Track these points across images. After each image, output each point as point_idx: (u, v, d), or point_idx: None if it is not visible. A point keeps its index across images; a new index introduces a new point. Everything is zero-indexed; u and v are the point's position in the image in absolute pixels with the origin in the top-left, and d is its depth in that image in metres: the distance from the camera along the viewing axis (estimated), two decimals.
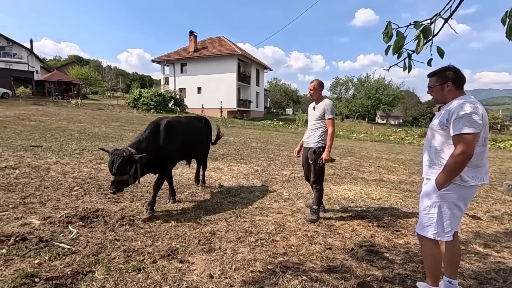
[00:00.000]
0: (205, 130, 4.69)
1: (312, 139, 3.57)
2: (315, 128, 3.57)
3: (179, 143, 3.80)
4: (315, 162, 3.49)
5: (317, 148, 3.52)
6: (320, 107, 3.54)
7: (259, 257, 2.58)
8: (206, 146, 4.81)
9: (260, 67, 36.49)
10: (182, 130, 3.93)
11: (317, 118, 3.55)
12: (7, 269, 2.17)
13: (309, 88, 3.64)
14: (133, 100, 25.56)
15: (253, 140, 12.80)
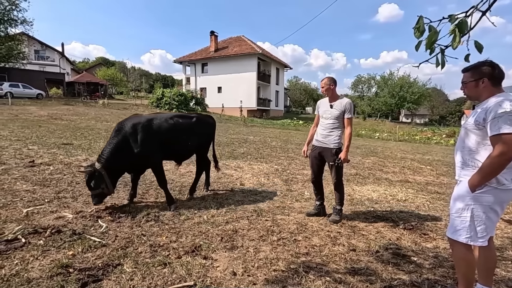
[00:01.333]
0: (195, 128, 4.06)
1: (330, 139, 3.39)
2: (333, 127, 3.39)
3: (151, 142, 3.53)
4: (335, 163, 3.34)
5: (338, 149, 3.37)
6: (338, 105, 3.37)
7: (281, 256, 2.58)
8: (199, 145, 4.24)
9: (280, 66, 36.31)
10: (156, 128, 3.63)
11: (335, 117, 3.37)
12: (45, 259, 2.32)
13: (321, 86, 3.49)
14: (156, 100, 26.30)
15: (273, 139, 12.77)
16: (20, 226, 2.83)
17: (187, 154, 4.22)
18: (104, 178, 3.33)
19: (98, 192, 3.35)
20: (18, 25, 26.75)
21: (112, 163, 3.38)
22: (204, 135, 4.27)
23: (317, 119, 3.61)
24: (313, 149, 3.58)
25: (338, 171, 3.39)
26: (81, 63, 65.43)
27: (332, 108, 3.41)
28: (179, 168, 5.52)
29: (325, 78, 3.45)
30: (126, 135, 3.46)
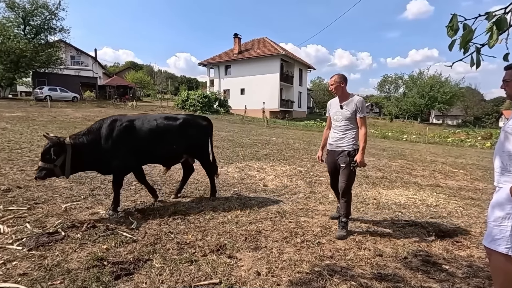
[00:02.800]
0: (182, 130, 3.75)
1: (345, 141, 3.12)
2: (347, 129, 3.13)
3: (126, 146, 3.39)
4: (349, 166, 3.07)
5: (352, 151, 3.08)
6: (349, 105, 3.10)
7: (305, 258, 2.57)
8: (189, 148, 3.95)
9: (303, 67, 36.00)
10: (132, 131, 3.45)
11: (346, 118, 3.10)
12: (82, 251, 2.48)
13: (329, 83, 3.20)
14: (181, 102, 27.09)
15: (296, 140, 12.69)
16: (60, 220, 3.05)
17: (174, 158, 3.94)
18: (66, 155, 3.11)
19: (48, 167, 3.05)
20: (56, 33, 28.76)
21: (81, 149, 3.22)
22: (194, 137, 3.92)
23: (330, 121, 3.36)
24: (329, 153, 3.33)
25: (349, 175, 3.07)
26: (112, 67, 68.81)
27: (342, 108, 3.14)
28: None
29: (334, 75, 3.19)
30: (102, 131, 3.36)
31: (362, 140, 3.07)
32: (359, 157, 3.02)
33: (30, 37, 26.80)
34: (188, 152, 3.99)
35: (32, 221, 3.03)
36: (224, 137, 11.86)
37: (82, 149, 3.23)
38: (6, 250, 2.42)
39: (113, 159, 3.37)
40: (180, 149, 3.82)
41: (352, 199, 3.32)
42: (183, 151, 3.90)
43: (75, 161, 3.19)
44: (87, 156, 3.27)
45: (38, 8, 26.52)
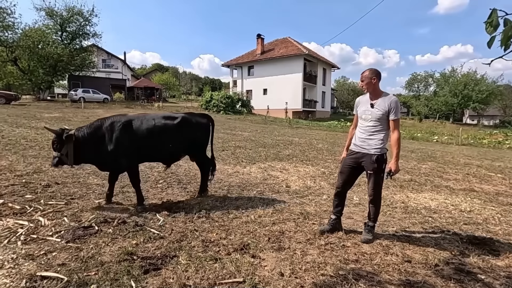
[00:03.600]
0: (179, 128, 3.75)
1: (372, 143, 2.87)
2: (375, 130, 2.87)
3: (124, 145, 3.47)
4: (378, 173, 2.84)
5: (380, 155, 2.83)
6: (381, 104, 2.83)
7: (329, 261, 2.53)
8: (188, 146, 3.95)
9: (327, 66, 35.37)
10: (130, 131, 3.52)
11: (377, 118, 2.84)
12: (114, 245, 2.61)
13: (360, 79, 2.93)
14: (205, 103, 27.63)
15: (319, 141, 12.50)
16: (94, 215, 3.23)
17: (173, 156, 3.97)
18: (68, 145, 3.33)
19: (58, 155, 3.34)
20: (90, 38, 30.41)
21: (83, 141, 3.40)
22: (191, 136, 3.89)
23: (356, 119, 3.12)
24: (350, 153, 3.07)
25: (378, 182, 2.88)
26: (140, 69, 71.63)
27: (373, 107, 2.87)
28: (223, 168, 5.71)
29: (366, 71, 2.91)
30: (104, 130, 3.49)
31: (395, 145, 2.83)
32: (393, 165, 2.79)
33: (66, 43, 28.57)
34: (186, 150, 3.99)
35: (69, 215, 3.23)
36: (246, 137, 11.95)
37: (82, 142, 3.42)
38: (47, 242, 2.60)
39: (111, 158, 3.49)
40: (178, 147, 3.84)
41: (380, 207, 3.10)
42: (181, 149, 3.92)
43: (77, 151, 3.40)
44: (85, 149, 3.45)
45: (74, 15, 28.22)
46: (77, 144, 3.39)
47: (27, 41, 25.03)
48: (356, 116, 3.14)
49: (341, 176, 3.11)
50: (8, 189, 3.95)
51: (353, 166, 3.02)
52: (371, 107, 2.90)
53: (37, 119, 12.26)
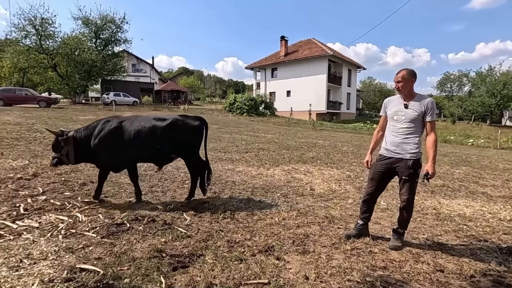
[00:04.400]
0: (168, 131, 3.75)
1: (407, 148, 2.73)
2: (409, 133, 2.74)
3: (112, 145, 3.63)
4: (413, 178, 2.73)
5: (417, 160, 2.72)
6: (416, 105, 2.71)
7: (355, 267, 2.48)
8: (178, 149, 3.90)
9: (352, 67, 34.55)
10: (120, 131, 3.67)
11: (411, 119, 2.71)
12: (144, 242, 2.74)
13: (395, 80, 2.79)
14: (229, 105, 28.02)
15: (344, 143, 12.22)
16: (125, 213, 3.40)
17: (163, 158, 3.99)
18: (68, 146, 3.59)
19: (58, 155, 3.62)
20: (121, 44, 32.04)
21: (81, 142, 3.66)
22: (180, 138, 3.84)
23: (384, 121, 2.99)
24: (380, 159, 2.92)
25: (413, 188, 2.77)
26: (166, 73, 74.16)
27: (407, 108, 2.74)
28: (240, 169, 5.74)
29: (403, 71, 2.76)
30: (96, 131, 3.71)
31: (432, 147, 2.70)
32: (431, 168, 2.65)
33: (100, 49, 30.29)
34: (176, 152, 3.95)
35: (103, 212, 3.43)
36: (269, 139, 11.97)
37: (80, 143, 3.67)
38: (84, 236, 2.79)
39: (102, 156, 3.69)
40: (166, 149, 3.82)
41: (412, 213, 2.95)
42: (170, 151, 3.88)
43: (77, 151, 3.66)
44: (83, 149, 3.69)
45: (107, 23, 29.88)
46: (76, 144, 3.65)
47: (65, 49, 26.85)
48: (383, 118, 3.02)
49: (372, 182, 2.98)
50: (50, 186, 4.26)
51: (385, 172, 2.89)
52: (404, 107, 2.76)
53: (73, 121, 13.09)
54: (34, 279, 2.07)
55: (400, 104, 2.82)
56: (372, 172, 3.00)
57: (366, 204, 3.05)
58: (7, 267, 2.18)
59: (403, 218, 2.87)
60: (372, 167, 3.02)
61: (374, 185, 2.96)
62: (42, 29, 26.72)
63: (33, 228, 2.89)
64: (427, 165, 2.69)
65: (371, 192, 2.99)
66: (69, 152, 3.63)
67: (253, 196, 4.47)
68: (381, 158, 2.94)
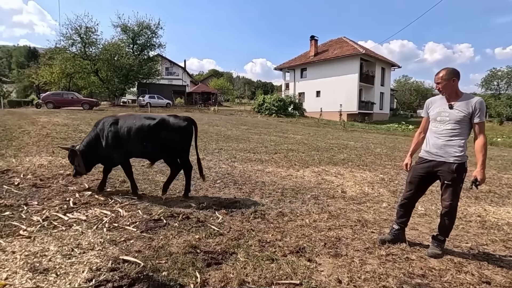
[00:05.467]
0: (154, 131, 3.91)
1: (451, 150, 2.57)
2: (454, 135, 2.57)
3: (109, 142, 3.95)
4: (457, 183, 2.58)
5: (461, 164, 2.55)
6: (463, 105, 2.54)
7: (391, 273, 2.39)
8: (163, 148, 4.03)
9: (386, 65, 33.11)
10: (115, 127, 3.96)
11: (457, 120, 2.55)
12: (179, 238, 2.87)
13: (435, 81, 2.65)
14: (258, 106, 28.19)
15: (377, 145, 11.76)
16: (162, 209, 3.58)
17: (153, 156, 4.21)
18: (78, 159, 4.05)
19: (74, 167, 4.18)
20: (155, 48, 33.70)
21: (86, 151, 4.10)
22: (166, 138, 3.97)
23: (426, 123, 2.84)
24: (421, 161, 2.78)
25: (456, 194, 2.62)
26: (197, 75, 76.45)
27: (452, 108, 2.58)
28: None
29: (442, 71, 2.61)
30: (97, 131, 4.08)
31: (481, 151, 2.52)
32: (479, 174, 2.50)
33: (136, 54, 32.09)
34: (164, 150, 4.08)
35: (142, 208, 3.64)
36: (299, 140, 11.87)
37: (86, 152, 4.11)
38: (125, 230, 2.98)
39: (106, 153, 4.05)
40: (154, 147, 3.99)
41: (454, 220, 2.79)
42: (158, 149, 4.04)
43: (86, 160, 4.11)
44: (89, 156, 4.13)
45: (143, 29, 31.57)
46: (83, 155, 4.09)
47: (106, 54, 28.82)
48: (425, 119, 2.87)
49: (410, 186, 2.84)
50: (94, 183, 4.60)
51: (425, 176, 2.75)
52: (449, 108, 2.61)
53: None
54: (83, 267, 2.26)
55: (444, 104, 2.66)
56: (411, 175, 2.86)
57: (403, 208, 2.91)
58: (61, 255, 2.41)
59: (445, 225, 2.72)
60: (411, 170, 2.88)
61: (413, 189, 2.83)
62: (86, 37, 28.91)
63: (81, 221, 3.15)
64: (475, 171, 2.53)
65: (409, 196, 2.86)
66: (79, 164, 4.11)
67: (283, 197, 4.48)
68: (422, 161, 2.79)
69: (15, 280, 2.05)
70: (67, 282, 2.07)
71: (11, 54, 66.32)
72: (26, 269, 2.18)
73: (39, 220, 3.09)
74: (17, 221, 3.03)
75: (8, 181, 4.40)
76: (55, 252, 2.46)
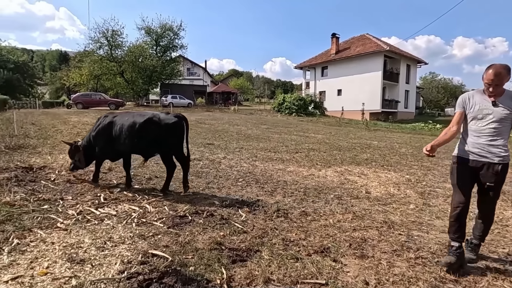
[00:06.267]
0: (144, 128, 4.02)
1: (495, 151, 2.39)
2: (497, 133, 2.39)
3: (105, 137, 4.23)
4: (499, 185, 2.43)
5: (506, 165, 2.39)
6: (508, 102, 2.35)
7: (421, 277, 2.31)
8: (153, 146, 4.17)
9: (412, 62, 31.85)
10: (109, 125, 4.22)
11: (501, 118, 2.36)
12: (204, 235, 2.93)
13: (487, 80, 2.34)
14: (277, 105, 28.11)
15: (402, 145, 11.36)
16: (187, 206, 3.67)
17: (144, 152, 4.39)
18: (79, 154, 4.39)
19: (73, 162, 4.49)
20: (177, 49, 34.44)
21: (88, 146, 4.40)
22: (155, 134, 4.05)
23: (460, 117, 2.56)
24: (463, 162, 2.55)
25: (496, 197, 2.47)
26: (217, 75, 77.38)
27: (496, 106, 2.37)
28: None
29: (492, 68, 2.32)
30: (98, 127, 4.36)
31: None
32: None
33: (159, 55, 32.98)
34: (156, 147, 4.19)
35: (168, 204, 3.75)
36: (320, 139, 11.71)
37: (87, 147, 4.41)
38: (153, 226, 3.09)
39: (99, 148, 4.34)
40: (143, 144, 4.13)
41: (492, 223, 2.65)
42: (147, 146, 4.17)
43: (87, 154, 4.44)
44: (90, 151, 4.42)
45: (166, 31, 32.40)
46: (84, 150, 4.41)
47: (131, 56, 29.86)
48: (460, 113, 2.57)
49: (460, 188, 2.52)
50: (122, 179, 4.80)
51: (471, 176, 2.53)
52: (493, 105, 2.39)
53: None
54: (116, 259, 2.37)
55: (485, 101, 2.45)
56: (457, 177, 2.58)
57: (459, 218, 2.51)
58: (95, 247, 2.54)
59: (481, 229, 2.58)
60: (455, 172, 2.60)
61: (465, 191, 2.52)
62: (113, 40, 30.11)
63: (112, 215, 3.30)
64: None
65: (463, 200, 2.50)
66: (80, 159, 4.43)
67: (305, 196, 4.44)
68: (464, 161, 2.55)
69: (55, 269, 2.19)
70: (102, 273, 2.18)
71: (45, 58, 70.53)
72: (64, 259, 2.32)
73: (74, 214, 3.27)
74: (54, 214, 3.23)
75: (45, 176, 4.69)
76: (90, 244, 2.60)
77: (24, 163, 5.34)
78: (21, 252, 2.42)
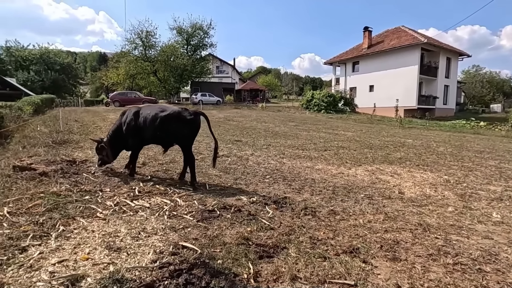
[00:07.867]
0: (163, 121, 4.38)
1: None
2: None
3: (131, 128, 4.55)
4: None
5: None
6: None
7: (460, 284, 2.16)
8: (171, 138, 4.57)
9: (452, 55, 29.67)
10: (134, 117, 4.55)
11: None
12: (232, 229, 2.98)
13: None
14: (306, 102, 27.69)
15: (440, 143, 10.65)
16: (215, 201, 3.76)
17: (164, 144, 4.80)
18: (106, 149, 4.68)
19: (101, 157, 4.76)
20: (207, 48, 35.17)
21: (112, 141, 4.72)
22: (173, 128, 4.42)
23: None
24: None
25: None
26: (246, 73, 77.82)
27: None
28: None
29: None
30: (121, 120, 4.72)
31: None
32: None
33: (190, 54, 33.90)
34: (172, 139, 4.61)
35: (197, 199, 3.86)
36: (350, 137, 11.36)
37: (112, 141, 4.74)
38: (183, 219, 3.20)
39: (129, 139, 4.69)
40: (163, 136, 4.51)
41: None
42: (166, 138, 4.56)
43: (113, 148, 4.78)
44: (116, 145, 4.78)
45: (196, 30, 33.19)
46: (109, 145, 4.73)
47: (163, 56, 31.04)
48: None
49: None
50: (155, 174, 5.02)
51: None
52: None
53: None
54: (149, 249, 2.50)
55: None
56: None
57: None
58: (130, 237, 2.70)
59: None
60: None
61: None
62: (147, 40, 31.49)
63: (146, 208, 3.47)
64: None
65: None
66: (108, 153, 4.73)
67: (334, 195, 4.34)
68: None
69: (95, 255, 2.36)
70: (136, 261, 2.31)
71: (86, 59, 75.75)
72: (103, 247, 2.49)
73: (111, 205, 3.49)
74: (94, 204, 3.47)
75: (86, 169, 5.05)
76: (125, 234, 2.76)
77: (68, 157, 5.78)
78: (66, 238, 2.64)
